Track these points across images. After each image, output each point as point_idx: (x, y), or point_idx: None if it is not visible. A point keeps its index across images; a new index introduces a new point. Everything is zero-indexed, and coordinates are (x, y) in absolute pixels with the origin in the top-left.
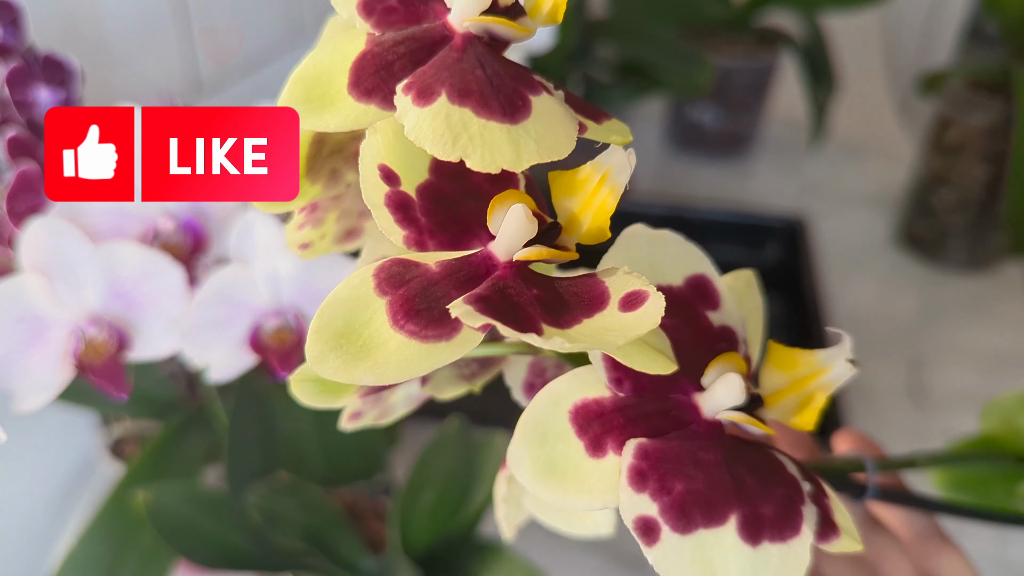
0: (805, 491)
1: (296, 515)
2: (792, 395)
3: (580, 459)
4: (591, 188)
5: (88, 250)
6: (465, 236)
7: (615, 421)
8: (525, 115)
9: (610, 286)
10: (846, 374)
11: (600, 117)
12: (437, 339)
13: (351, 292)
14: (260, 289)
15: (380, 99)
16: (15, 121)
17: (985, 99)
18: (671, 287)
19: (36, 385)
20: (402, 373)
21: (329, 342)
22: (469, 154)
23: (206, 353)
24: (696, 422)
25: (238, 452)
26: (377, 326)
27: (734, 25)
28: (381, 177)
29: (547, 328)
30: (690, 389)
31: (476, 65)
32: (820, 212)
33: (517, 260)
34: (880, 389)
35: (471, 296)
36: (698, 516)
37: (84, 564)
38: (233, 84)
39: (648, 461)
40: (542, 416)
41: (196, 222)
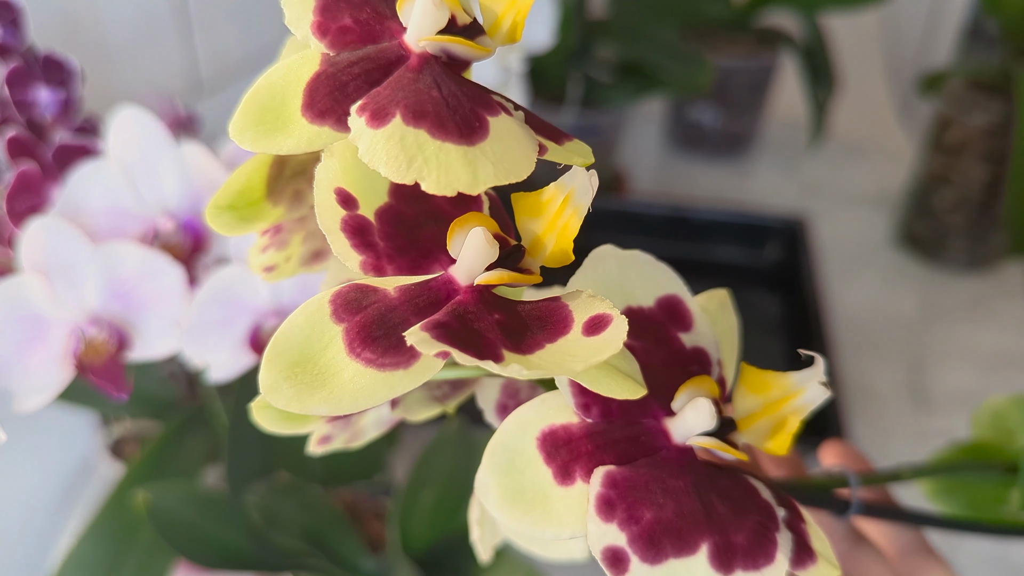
0: (779, 517)
1: (296, 515)
2: (765, 418)
3: (548, 487)
4: (554, 210)
5: (88, 250)
6: (425, 260)
7: (583, 448)
8: (482, 136)
9: (574, 310)
10: (820, 397)
11: (561, 138)
12: (395, 367)
13: (307, 319)
14: (260, 289)
15: (334, 121)
16: (15, 121)
17: (985, 99)
18: (641, 308)
19: (36, 385)
20: (358, 403)
21: (283, 371)
22: (424, 176)
23: (206, 353)
24: (666, 448)
25: (238, 452)
26: (333, 354)
27: (734, 25)
28: (338, 201)
29: (507, 354)
30: (660, 414)
31: (432, 86)
32: (820, 212)
33: (478, 284)
34: (880, 389)
35: (429, 323)
36: (668, 545)
37: (84, 564)
38: (232, 84)
39: (616, 489)
40: (510, 443)
41: (196, 222)
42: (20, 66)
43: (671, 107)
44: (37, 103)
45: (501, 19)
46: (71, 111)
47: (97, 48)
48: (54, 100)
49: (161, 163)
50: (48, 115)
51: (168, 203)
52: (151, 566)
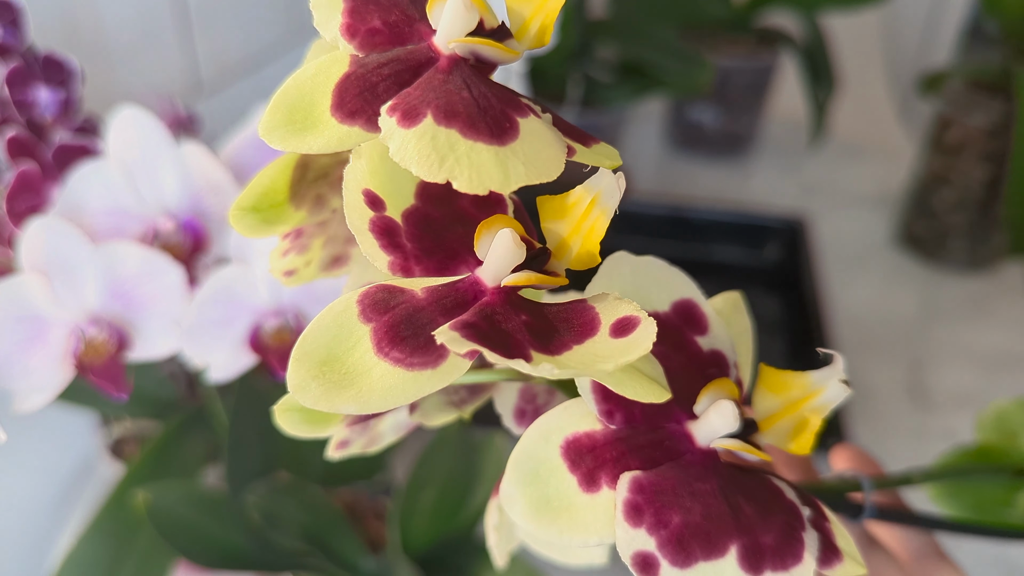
0: (805, 517)
1: (296, 515)
2: (786, 418)
3: (574, 495)
4: (580, 212)
5: (88, 250)
6: (452, 262)
7: (608, 454)
8: (513, 136)
9: (600, 312)
10: (840, 395)
11: (588, 140)
12: (423, 367)
13: (334, 319)
14: (260, 289)
15: (364, 121)
16: (15, 121)
17: (985, 99)
18: (657, 313)
19: (36, 385)
20: (386, 402)
21: (311, 370)
22: (456, 175)
23: (206, 353)
24: (690, 451)
25: (238, 452)
26: (361, 353)
27: (734, 25)
28: (366, 202)
29: (536, 354)
30: (682, 417)
31: (462, 86)
32: (820, 212)
33: (505, 286)
34: (880, 389)
35: (457, 322)
36: (697, 549)
37: (84, 564)
38: (232, 84)
39: (643, 495)
40: (533, 452)
41: (196, 222)
42: (20, 66)
43: (671, 107)
44: (37, 103)
45: (529, 22)
46: (71, 111)
47: (97, 48)
48: (54, 100)
49: (161, 163)
50: (48, 115)
51: (168, 203)
52: (151, 566)
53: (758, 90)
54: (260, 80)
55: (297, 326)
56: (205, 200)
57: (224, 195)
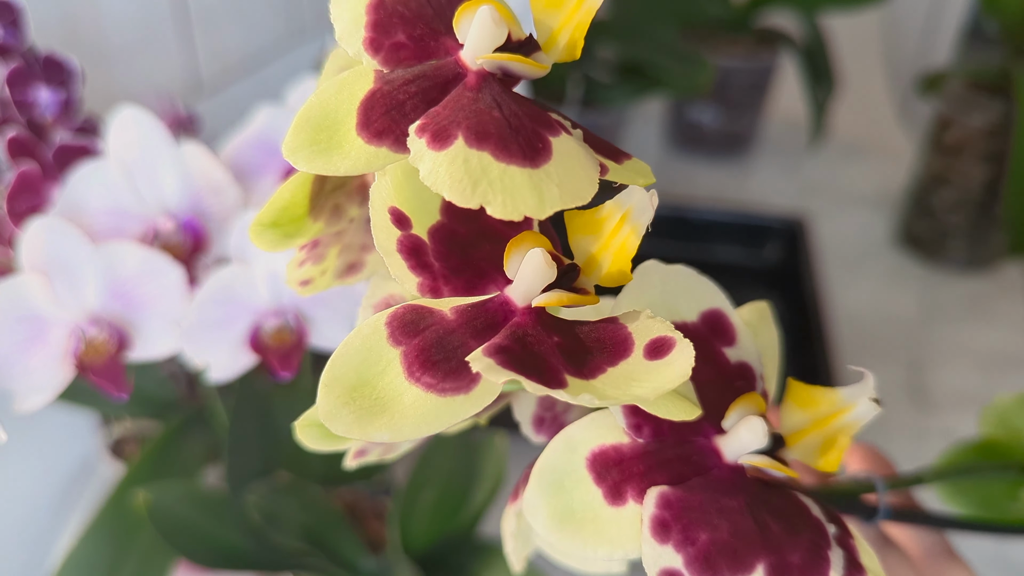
0: (830, 534)
1: (296, 515)
2: (814, 434)
3: (599, 507)
4: (610, 228)
5: (88, 250)
6: (480, 280)
7: (635, 468)
8: (546, 158)
9: (633, 331)
10: (870, 413)
11: (620, 156)
12: (455, 392)
13: (363, 342)
14: (260, 289)
15: (392, 141)
16: (15, 121)
17: (985, 99)
18: (686, 324)
19: (36, 385)
20: (419, 429)
21: (341, 396)
22: (490, 200)
23: (206, 353)
24: (718, 467)
25: (238, 452)
26: (391, 377)
27: (734, 25)
28: (392, 221)
29: (571, 380)
30: (711, 432)
31: (493, 105)
32: (820, 212)
33: (536, 306)
34: (880, 389)
35: (491, 347)
36: (724, 567)
37: (84, 564)
38: (233, 84)
39: (671, 511)
40: (558, 463)
41: (196, 222)
42: (21, 66)
43: (671, 107)
44: (37, 103)
45: (557, 34)
46: (71, 111)
47: (97, 48)
48: (54, 100)
49: (161, 163)
50: (48, 115)
51: (168, 203)
52: (151, 566)
53: (758, 90)
54: (260, 80)
55: (297, 326)
56: (205, 200)
57: (224, 195)
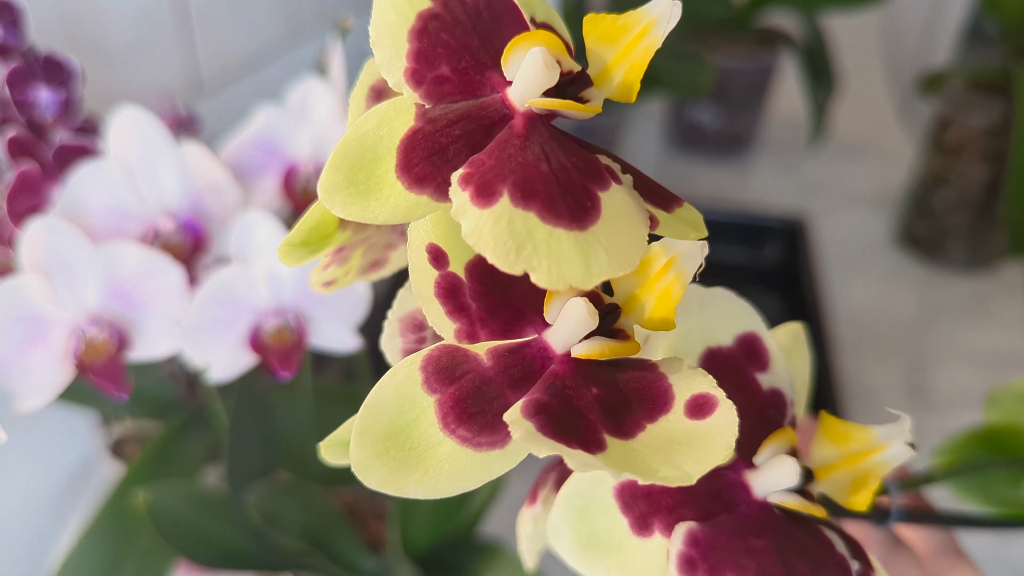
0: (854, 571)
1: (296, 515)
2: (844, 470)
3: (625, 536)
4: (655, 271)
5: (88, 250)
6: (518, 322)
7: (663, 501)
8: (594, 218)
9: (674, 383)
10: (904, 456)
11: (671, 204)
12: (491, 446)
13: (396, 387)
14: (260, 289)
15: (433, 189)
16: (15, 121)
17: (985, 99)
18: (721, 349)
19: (36, 385)
20: (454, 485)
21: (375, 446)
22: (534, 267)
23: (206, 353)
24: (746, 503)
25: (238, 452)
26: (425, 427)
27: (734, 25)
28: (430, 260)
29: (611, 440)
30: (741, 467)
31: (541, 157)
32: (820, 212)
33: (576, 355)
34: (880, 389)
35: (529, 405)
36: None
37: (84, 564)
38: (233, 84)
39: (698, 548)
40: (585, 489)
41: (196, 222)
42: (21, 66)
43: (671, 107)
44: (37, 103)
45: (611, 69)
46: (71, 111)
47: (97, 48)
48: (54, 100)
49: (161, 163)
50: (48, 115)
51: (168, 203)
52: (151, 566)
53: (758, 90)
54: (260, 80)
55: (297, 326)
56: (205, 200)
57: (224, 195)
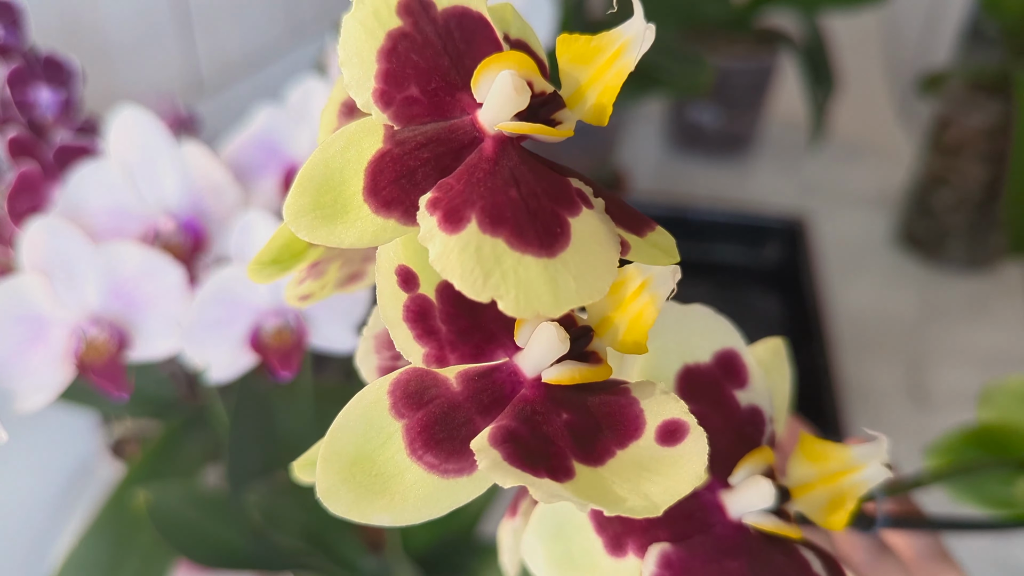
0: None
1: (296, 515)
2: (821, 489)
3: (599, 557)
4: (628, 293)
5: (89, 250)
6: (489, 345)
7: (637, 521)
8: (564, 244)
9: (645, 409)
10: (879, 478)
11: (643, 228)
12: (458, 473)
13: (364, 412)
14: (260, 289)
15: (401, 212)
16: (16, 121)
17: (984, 100)
18: (699, 366)
19: (37, 385)
20: (420, 513)
21: (341, 472)
22: (502, 295)
23: (206, 353)
24: (721, 523)
25: (238, 452)
26: (392, 453)
27: (734, 25)
28: (399, 283)
29: (579, 468)
30: (716, 486)
31: (510, 182)
32: (820, 212)
33: (547, 381)
34: (880, 389)
35: (497, 432)
36: None
37: (84, 564)
38: (233, 84)
39: (671, 571)
40: (559, 508)
41: (196, 222)
42: (21, 67)
43: (671, 107)
44: (38, 103)
45: (584, 90)
46: (72, 111)
47: (98, 48)
48: (55, 100)
49: (161, 163)
50: (49, 115)
51: (168, 203)
52: (151, 566)
53: (758, 90)
54: (260, 80)
55: (297, 326)
56: (205, 200)
57: (224, 195)
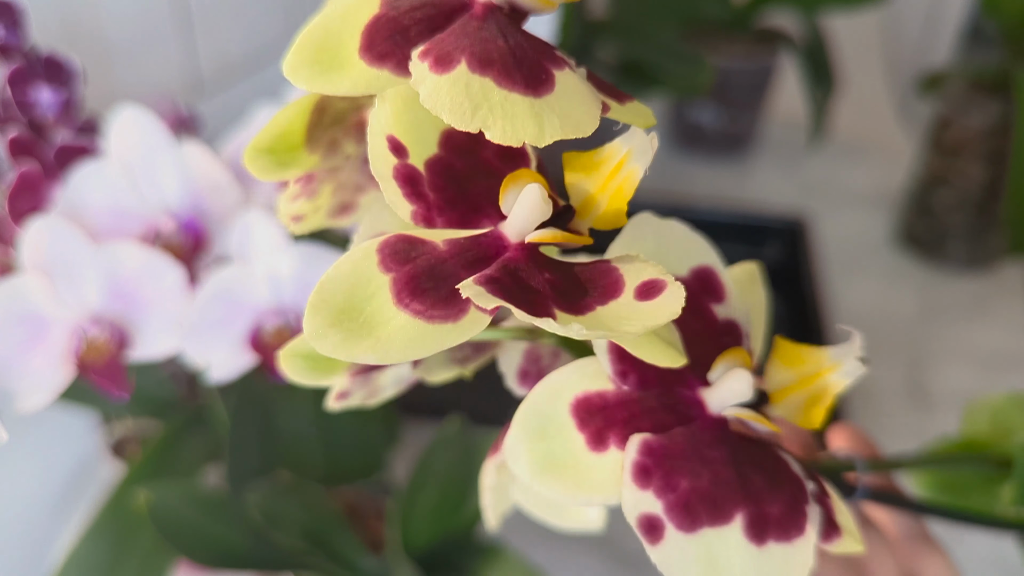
0: (809, 491)
1: (296, 515)
2: (799, 392)
3: (581, 453)
4: (608, 170)
5: (89, 250)
6: (475, 215)
7: (618, 415)
8: (548, 89)
9: (624, 273)
10: (855, 372)
11: (623, 98)
12: (443, 320)
13: (353, 266)
14: (260, 289)
15: (394, 64)
16: (16, 121)
17: (984, 99)
18: (677, 278)
19: (37, 385)
20: (406, 353)
21: (328, 317)
22: (489, 125)
23: (206, 353)
24: (701, 418)
25: (238, 452)
26: (380, 303)
27: (734, 25)
28: (389, 148)
29: (560, 314)
30: (696, 384)
31: (497, 35)
32: (820, 212)
33: (529, 242)
34: (880, 389)
35: (482, 277)
36: (703, 515)
37: (84, 564)
38: (233, 84)
39: (652, 457)
40: (541, 408)
41: (197, 222)
42: (22, 66)
43: (671, 107)
44: (38, 103)
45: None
46: (72, 111)
47: (98, 48)
48: (55, 100)
49: (162, 163)
50: (49, 115)
51: (169, 203)
52: (151, 566)
53: (758, 90)
54: (260, 80)
55: (297, 326)
56: (206, 200)
57: (225, 195)
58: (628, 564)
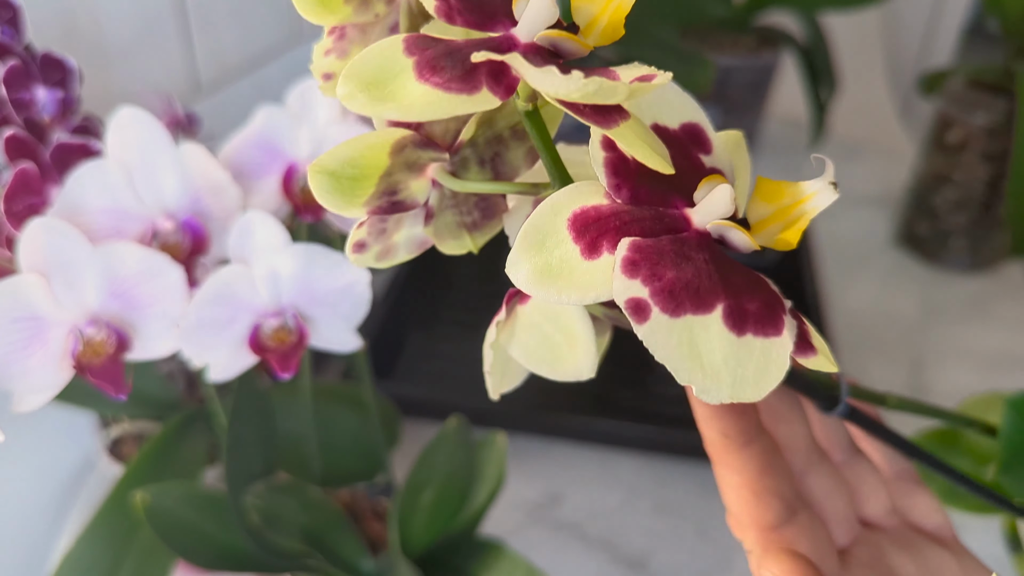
0: (786, 306)
1: (296, 515)
2: (777, 223)
3: (576, 261)
4: None
5: (87, 250)
6: (490, 20)
7: (611, 224)
8: None
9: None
10: (830, 197)
11: None
12: (460, 91)
13: (381, 51)
14: (260, 289)
15: None
16: (13, 121)
17: (986, 98)
18: (667, 128)
19: (35, 385)
20: (425, 112)
21: (359, 84)
22: None
23: (206, 353)
24: (687, 230)
25: (238, 452)
26: (404, 80)
27: (734, 25)
28: None
29: None
30: (682, 204)
31: None
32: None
33: (537, 41)
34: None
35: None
36: (687, 301)
37: (83, 564)
38: (232, 84)
39: (641, 253)
40: (541, 224)
41: (196, 222)
42: (18, 65)
43: None
44: (35, 102)
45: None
46: (69, 111)
47: (96, 48)
48: (52, 99)
49: (160, 163)
50: (46, 115)
51: (167, 203)
52: (150, 567)
53: (758, 90)
54: (260, 80)
55: (297, 326)
56: (205, 200)
57: (224, 195)
58: (628, 565)
